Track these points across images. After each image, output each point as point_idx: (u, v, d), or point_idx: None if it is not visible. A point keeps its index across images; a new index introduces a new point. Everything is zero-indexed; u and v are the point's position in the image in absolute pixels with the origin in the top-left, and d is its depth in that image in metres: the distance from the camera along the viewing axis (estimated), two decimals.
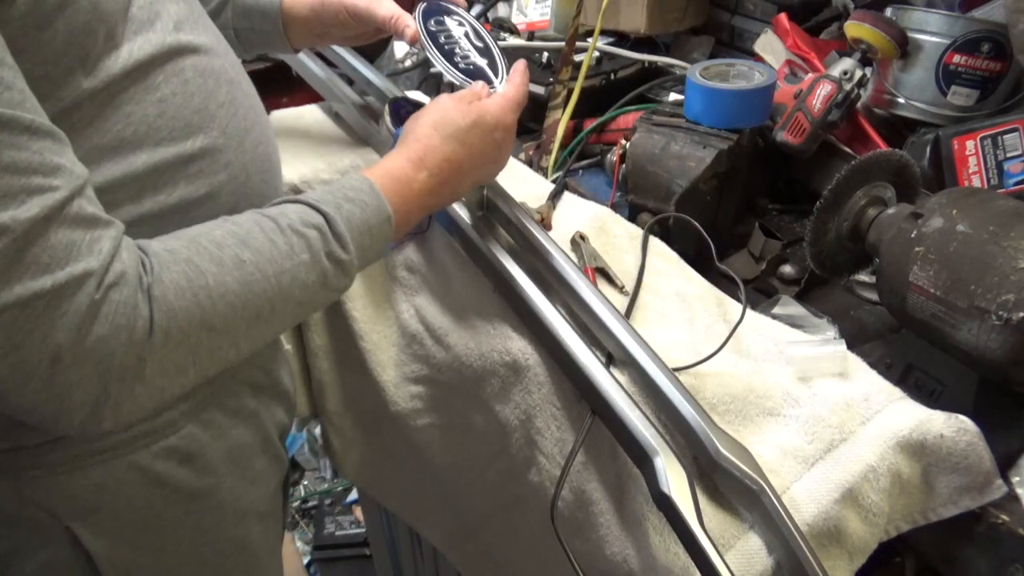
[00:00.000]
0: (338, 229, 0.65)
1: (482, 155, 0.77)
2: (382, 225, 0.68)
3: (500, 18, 1.46)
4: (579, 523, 0.79)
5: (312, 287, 0.64)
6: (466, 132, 0.75)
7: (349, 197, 0.67)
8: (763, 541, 0.67)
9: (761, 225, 1.01)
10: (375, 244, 0.68)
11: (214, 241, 0.59)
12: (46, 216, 0.50)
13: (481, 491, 1.01)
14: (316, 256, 0.63)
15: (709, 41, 1.36)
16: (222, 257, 0.58)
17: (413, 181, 0.72)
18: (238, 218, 0.63)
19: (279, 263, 0.61)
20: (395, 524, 1.57)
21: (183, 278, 0.56)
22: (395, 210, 0.69)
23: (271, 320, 0.62)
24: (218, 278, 0.58)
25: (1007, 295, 0.67)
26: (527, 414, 0.84)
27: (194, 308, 0.56)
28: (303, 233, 0.63)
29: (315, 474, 2.48)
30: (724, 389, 0.74)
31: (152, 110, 0.63)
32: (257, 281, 0.60)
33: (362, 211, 0.67)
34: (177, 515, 0.76)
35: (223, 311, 0.58)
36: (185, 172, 0.66)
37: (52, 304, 0.50)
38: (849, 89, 1.00)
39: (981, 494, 0.70)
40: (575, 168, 1.20)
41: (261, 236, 0.61)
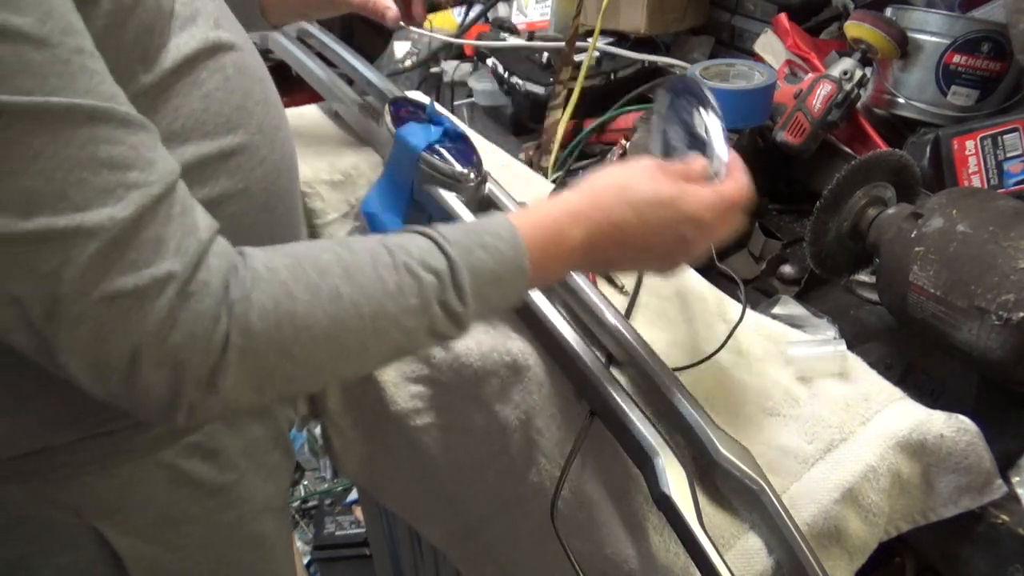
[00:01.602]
0: (460, 279, 0.59)
1: (657, 238, 0.65)
2: (514, 279, 0.62)
3: (500, 18, 1.47)
4: (579, 523, 0.79)
5: (415, 332, 0.59)
6: (650, 205, 0.64)
7: (484, 243, 0.61)
8: (763, 541, 0.67)
9: (761, 225, 1.01)
10: (502, 297, 0.63)
11: (318, 266, 0.57)
12: (140, 213, 0.50)
13: (481, 491, 1.01)
14: (426, 302, 0.58)
15: (709, 41, 1.35)
16: (320, 287, 0.56)
17: (565, 237, 0.64)
18: (355, 243, 0.60)
19: (380, 303, 0.57)
20: (395, 524, 1.57)
21: (271, 301, 0.54)
22: (534, 264, 0.62)
23: (361, 358, 0.59)
24: (309, 308, 0.55)
25: (1007, 295, 0.67)
26: (527, 414, 0.84)
27: (274, 333, 0.54)
28: (418, 275, 0.58)
29: (315, 474, 2.47)
30: (724, 389, 0.74)
31: (198, 104, 0.64)
32: (350, 318, 0.56)
33: (495, 261, 0.61)
34: (199, 511, 0.76)
35: (305, 342, 0.55)
36: (226, 166, 0.67)
37: (136, 303, 0.50)
38: (849, 89, 1.00)
39: (981, 494, 0.70)
40: (575, 168, 1.20)
41: (370, 270, 0.58)
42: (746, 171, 0.70)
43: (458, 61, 1.49)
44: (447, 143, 0.89)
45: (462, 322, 0.61)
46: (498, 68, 1.31)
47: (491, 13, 1.53)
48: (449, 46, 1.50)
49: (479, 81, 1.39)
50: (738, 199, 0.68)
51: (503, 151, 1.09)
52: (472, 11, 1.55)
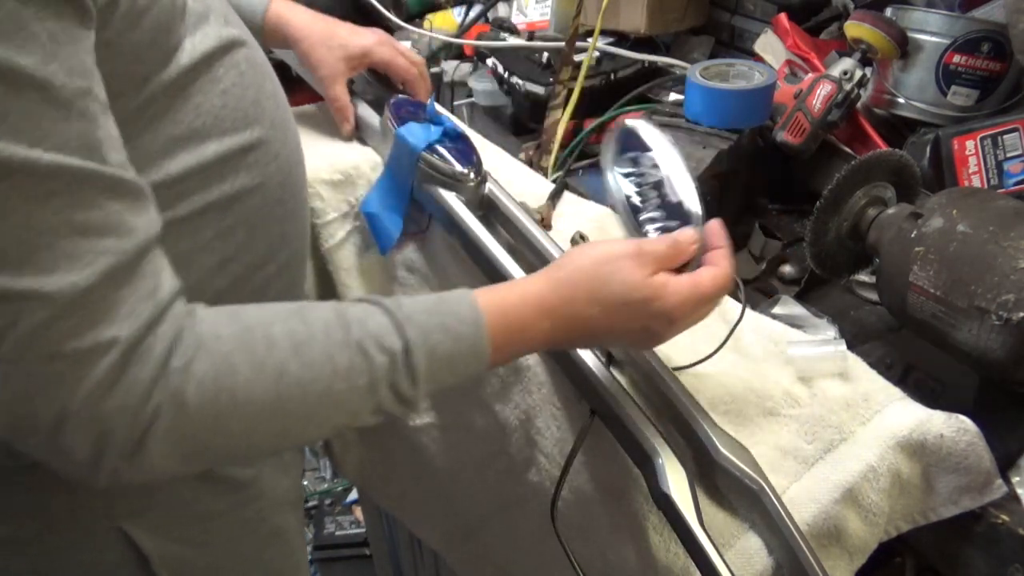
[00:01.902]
0: (414, 361, 0.57)
1: (624, 333, 0.64)
2: (471, 364, 0.60)
3: (500, 18, 1.46)
4: (579, 523, 0.79)
5: (359, 412, 0.58)
6: (622, 305, 0.62)
7: (446, 325, 0.59)
8: (763, 540, 0.67)
9: (761, 225, 1.01)
10: (456, 379, 0.61)
11: (267, 338, 0.55)
12: (103, 279, 0.49)
13: (481, 491, 1.01)
14: (375, 384, 0.57)
15: (709, 41, 1.35)
16: (265, 362, 0.54)
17: (530, 328, 0.62)
18: (311, 314, 0.58)
19: (327, 384, 0.56)
20: (395, 524, 1.57)
21: (211, 373, 0.52)
22: (495, 350, 0.60)
23: (299, 435, 0.59)
24: (251, 384, 0.53)
25: (1007, 295, 0.67)
26: (527, 414, 0.84)
27: (209, 408, 0.52)
28: (371, 355, 0.56)
29: (315, 474, 2.47)
30: (724, 389, 0.74)
31: (217, 101, 0.64)
32: (294, 398, 0.55)
33: (454, 346, 0.59)
34: (223, 507, 0.77)
35: (243, 418, 0.54)
36: (245, 161, 0.67)
37: (72, 366, 0.49)
38: (849, 89, 1.00)
39: (981, 494, 0.70)
40: (575, 168, 1.20)
41: (322, 347, 0.56)
42: (730, 252, 0.66)
43: (458, 61, 1.49)
44: (447, 143, 0.88)
45: (411, 404, 0.59)
46: (498, 68, 1.31)
47: (491, 13, 1.52)
48: (449, 46, 1.50)
49: (479, 81, 1.39)
50: (716, 294, 0.64)
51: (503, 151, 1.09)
52: (472, 11, 1.55)
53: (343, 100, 0.98)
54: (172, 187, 0.62)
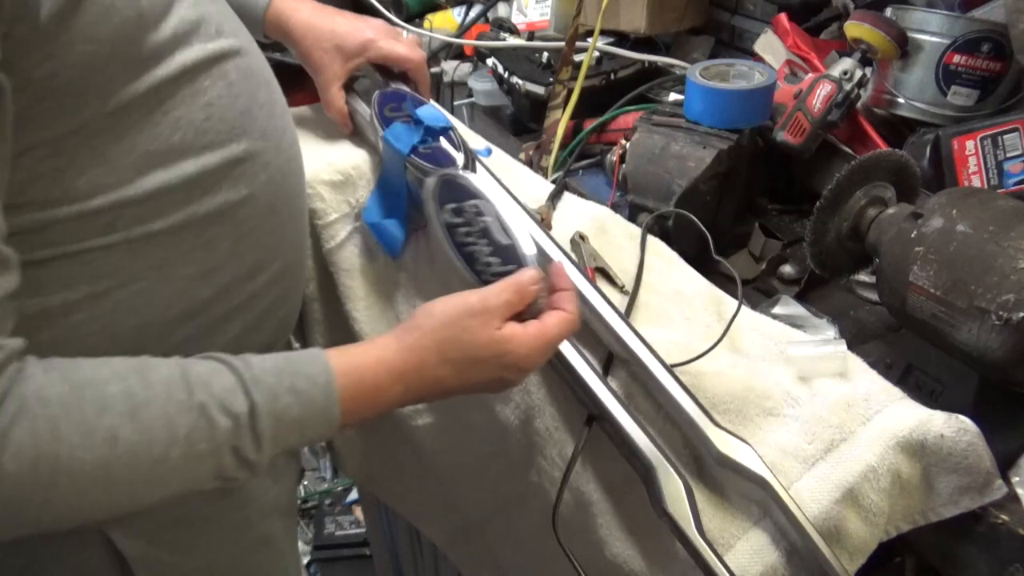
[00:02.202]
0: (259, 426, 0.56)
1: (479, 385, 0.66)
2: (320, 427, 0.60)
3: (500, 18, 1.46)
4: (579, 524, 0.79)
5: (198, 479, 0.56)
6: (471, 362, 0.64)
7: (296, 389, 0.58)
8: (768, 535, 0.68)
9: (761, 225, 1.01)
10: (304, 441, 0.61)
11: (99, 400, 0.52)
12: None
13: (481, 490, 1.01)
14: (217, 449, 0.55)
15: (709, 41, 1.36)
16: (96, 427, 0.51)
17: (382, 392, 0.63)
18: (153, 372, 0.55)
19: (164, 450, 0.53)
20: (395, 524, 1.57)
21: (31, 440, 0.49)
22: (345, 413, 0.60)
23: (130, 503, 0.56)
24: (76, 452, 0.50)
25: (1007, 295, 0.67)
26: (527, 414, 0.85)
27: (28, 477, 0.49)
28: (213, 419, 0.55)
29: (315, 474, 2.48)
30: (724, 389, 0.74)
31: (200, 114, 0.63)
32: (124, 467, 0.52)
33: (302, 408, 0.58)
34: (209, 513, 0.76)
35: (65, 488, 0.51)
36: (231, 175, 0.66)
37: None
38: (849, 89, 1.00)
39: (981, 494, 0.70)
40: (575, 168, 1.20)
41: (160, 409, 0.54)
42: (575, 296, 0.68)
43: (458, 61, 1.49)
44: (430, 142, 0.87)
45: (254, 468, 0.58)
46: (498, 68, 1.31)
47: (491, 13, 1.53)
48: (449, 46, 1.50)
49: (479, 81, 1.39)
50: (563, 337, 0.66)
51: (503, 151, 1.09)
52: (472, 11, 1.55)
53: (336, 103, 0.96)
54: (146, 203, 0.60)
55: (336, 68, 0.95)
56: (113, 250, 0.61)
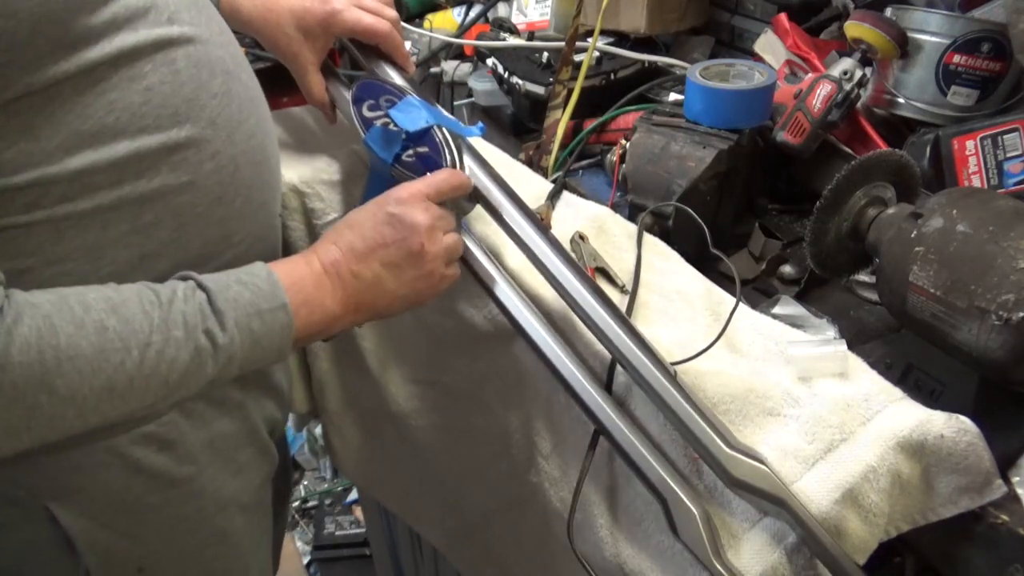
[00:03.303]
0: (218, 305, 0.62)
1: (373, 230, 0.72)
2: (276, 312, 0.65)
3: (500, 18, 1.46)
4: (578, 524, 0.79)
5: (183, 366, 0.60)
6: (354, 214, 0.74)
7: (241, 280, 0.65)
8: (770, 534, 0.68)
9: (761, 225, 1.01)
10: (270, 333, 0.65)
11: (83, 302, 0.57)
12: None
13: (481, 491, 1.01)
14: (192, 332, 0.60)
15: (709, 41, 1.35)
16: (84, 320, 0.56)
17: (307, 264, 0.70)
18: (122, 286, 0.61)
19: (147, 336, 0.58)
20: (395, 524, 1.57)
21: (34, 333, 0.54)
22: (292, 294, 0.67)
23: (128, 395, 0.59)
24: (72, 340, 0.55)
25: (1007, 295, 0.67)
26: (527, 416, 0.85)
27: (36, 366, 0.54)
28: (181, 308, 0.61)
29: (315, 474, 2.48)
30: (724, 389, 0.74)
31: (137, 98, 0.63)
32: (116, 351, 0.57)
33: (252, 294, 0.64)
34: (156, 501, 0.76)
35: (69, 375, 0.55)
36: (169, 160, 0.66)
37: None
38: (849, 89, 1.00)
39: (981, 494, 0.70)
40: (575, 168, 1.20)
41: (136, 306, 0.59)
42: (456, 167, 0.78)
43: (458, 61, 1.49)
44: (412, 148, 0.83)
45: (228, 353, 0.62)
46: (498, 68, 1.31)
47: (491, 13, 1.52)
48: (449, 46, 1.50)
49: (479, 81, 1.39)
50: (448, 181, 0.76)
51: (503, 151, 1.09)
52: (472, 11, 1.55)
53: (316, 93, 0.92)
54: (73, 181, 0.61)
55: (306, 53, 0.89)
56: (35, 228, 0.61)
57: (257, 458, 0.87)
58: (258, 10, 0.88)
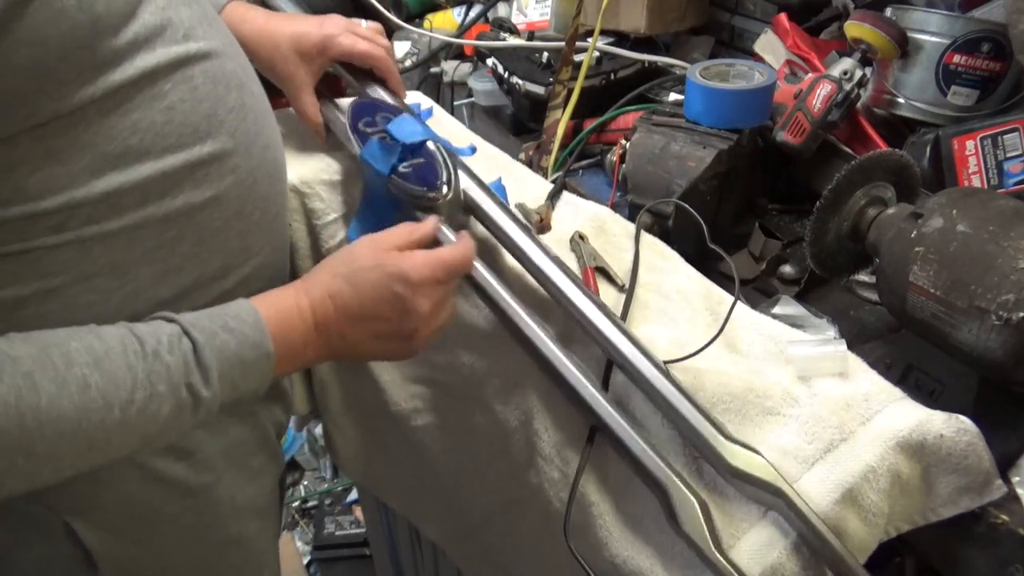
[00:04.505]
0: (204, 359, 0.61)
1: (373, 302, 0.69)
2: (259, 361, 0.64)
3: (500, 18, 1.47)
4: (579, 524, 0.79)
5: (163, 420, 0.60)
6: (360, 272, 0.69)
7: (229, 327, 0.63)
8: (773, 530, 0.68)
9: (761, 225, 1.01)
10: (248, 380, 0.64)
11: (65, 356, 0.56)
12: None
13: (482, 491, 1.01)
14: (174, 387, 0.59)
15: (709, 41, 1.35)
16: (67, 377, 0.55)
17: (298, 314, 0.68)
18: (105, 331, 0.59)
19: (130, 392, 0.57)
20: (395, 524, 1.57)
21: (13, 393, 0.52)
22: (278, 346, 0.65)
23: (106, 449, 0.58)
24: (54, 400, 0.54)
25: (1007, 295, 0.67)
26: (527, 415, 0.85)
27: (14, 429, 0.52)
28: (165, 360, 0.59)
29: (315, 474, 2.48)
30: (723, 388, 0.74)
31: (160, 118, 0.63)
32: (97, 410, 0.56)
33: (239, 344, 0.63)
34: (174, 511, 0.76)
35: (50, 437, 0.54)
36: (192, 177, 0.66)
37: None
38: (849, 89, 1.00)
39: (980, 494, 0.70)
40: (575, 168, 1.20)
41: (120, 358, 0.57)
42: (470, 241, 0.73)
43: (458, 61, 1.49)
44: (409, 161, 0.83)
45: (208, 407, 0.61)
46: (498, 68, 1.31)
47: (491, 13, 1.52)
48: (449, 46, 1.50)
49: (479, 81, 1.39)
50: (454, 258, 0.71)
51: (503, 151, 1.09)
52: (472, 11, 1.55)
53: (309, 112, 0.93)
54: (100, 203, 0.61)
55: (301, 74, 0.91)
56: (63, 249, 0.61)
57: (269, 463, 0.87)
58: (257, 32, 0.89)
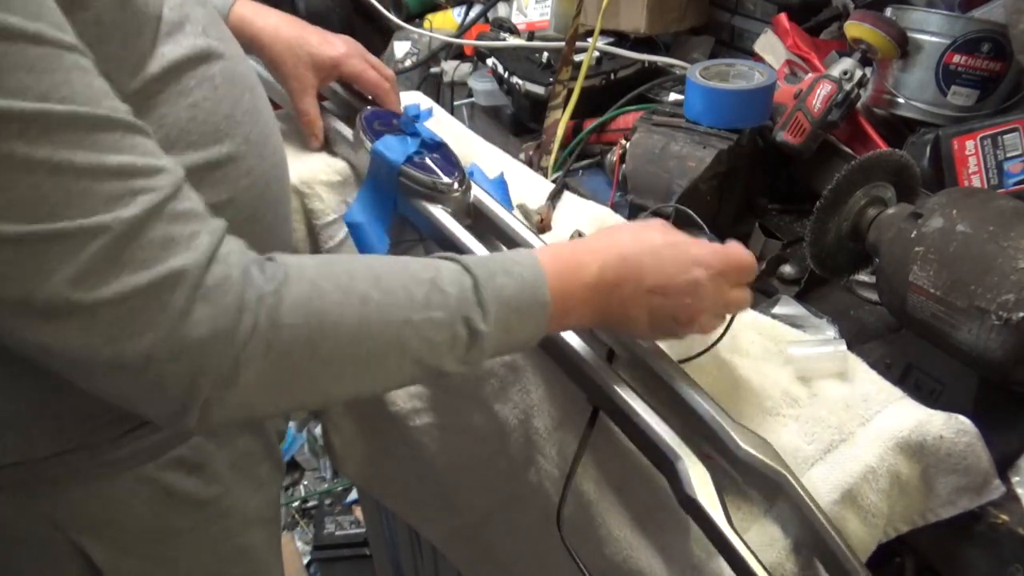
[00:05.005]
0: (483, 296, 0.60)
1: (668, 277, 0.66)
2: (534, 310, 0.63)
3: (500, 18, 1.47)
4: (578, 522, 0.79)
5: (437, 348, 0.60)
6: (663, 245, 0.67)
7: (507, 270, 0.62)
8: (779, 526, 0.68)
9: (761, 225, 1.01)
10: (522, 328, 0.63)
11: (348, 271, 0.58)
12: (147, 214, 0.50)
13: (481, 490, 1.01)
14: (451, 317, 0.59)
15: (709, 41, 1.35)
16: (350, 288, 0.56)
17: (582, 269, 0.65)
18: (383, 258, 0.61)
19: (407, 312, 0.58)
20: (395, 524, 1.57)
21: (303, 296, 0.54)
22: (553, 294, 0.63)
23: (382, 367, 0.59)
24: (339, 307, 0.55)
25: (1007, 295, 0.67)
26: (526, 414, 0.85)
27: (302, 328, 0.54)
28: (445, 290, 0.59)
29: (315, 474, 2.48)
30: (723, 388, 0.74)
31: (184, 114, 0.63)
32: (378, 323, 0.57)
33: (517, 287, 0.62)
34: (185, 525, 0.76)
35: (333, 340, 0.55)
36: (211, 178, 0.65)
37: (149, 300, 0.50)
38: (849, 89, 1.00)
39: (979, 494, 0.70)
40: (575, 168, 1.20)
41: (398, 281, 0.59)
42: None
43: (458, 61, 1.49)
44: (426, 154, 0.86)
45: (482, 346, 0.61)
46: (498, 68, 1.31)
47: (491, 13, 1.53)
48: (449, 46, 1.50)
49: (479, 81, 1.39)
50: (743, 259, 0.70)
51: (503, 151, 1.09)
52: (472, 11, 1.55)
53: (312, 114, 0.94)
54: None
55: (309, 77, 0.93)
56: None
57: (273, 471, 0.87)
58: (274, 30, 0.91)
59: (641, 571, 0.75)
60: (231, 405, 0.54)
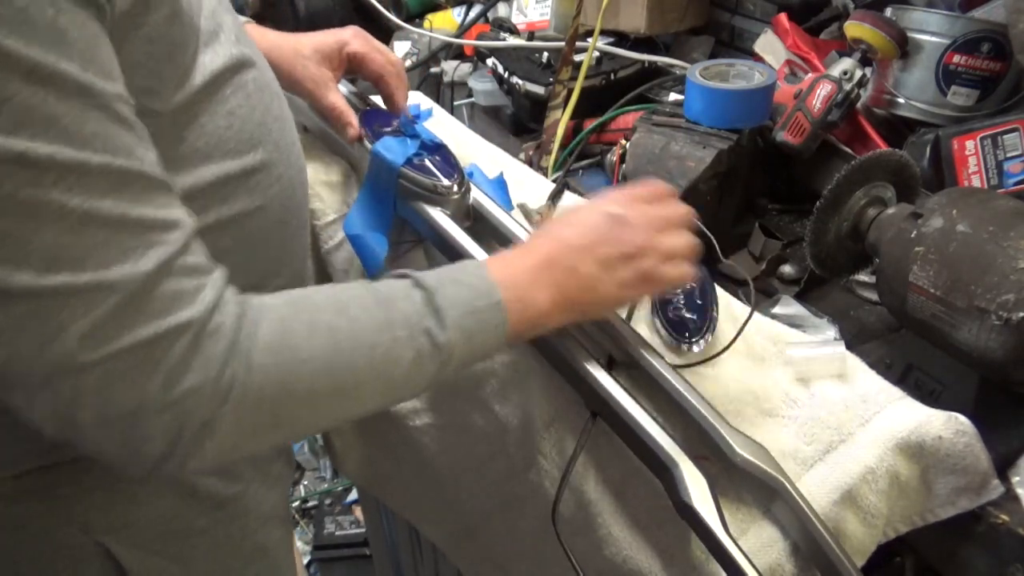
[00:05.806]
0: (437, 304, 0.61)
1: (596, 226, 0.69)
2: (490, 309, 0.64)
3: (500, 18, 1.47)
4: (577, 523, 0.79)
5: (405, 366, 0.60)
6: (575, 211, 0.71)
7: (455, 278, 0.64)
8: (776, 529, 0.68)
9: (761, 225, 1.01)
10: (482, 329, 0.64)
11: (311, 304, 0.58)
12: (158, 269, 0.50)
13: (481, 490, 1.01)
14: (412, 332, 0.60)
15: (709, 41, 1.35)
16: (316, 323, 0.57)
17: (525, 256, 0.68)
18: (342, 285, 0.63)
19: (374, 335, 0.59)
20: (395, 524, 1.57)
21: (274, 336, 0.55)
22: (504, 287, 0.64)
23: (355, 394, 0.60)
24: (308, 342, 0.56)
25: (1007, 295, 0.67)
26: (526, 414, 0.84)
27: (274, 369, 0.54)
28: (401, 308, 0.60)
29: (315, 474, 2.47)
30: (722, 390, 0.74)
31: (222, 122, 0.63)
32: (345, 351, 0.58)
33: (470, 293, 0.63)
34: (206, 524, 0.76)
35: (306, 377, 0.56)
36: (247, 184, 0.66)
37: (150, 352, 0.50)
38: (849, 89, 1.00)
39: (978, 495, 0.70)
40: (575, 168, 1.20)
41: (359, 306, 0.60)
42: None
43: (458, 61, 1.49)
44: (426, 155, 0.85)
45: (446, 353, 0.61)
46: (498, 68, 1.31)
47: (491, 13, 1.53)
48: (449, 46, 1.50)
49: (479, 81, 1.39)
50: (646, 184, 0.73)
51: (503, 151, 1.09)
52: (472, 11, 1.55)
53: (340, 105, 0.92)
54: None
55: (326, 72, 0.91)
56: None
57: (285, 468, 0.88)
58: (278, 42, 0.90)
59: (641, 571, 0.75)
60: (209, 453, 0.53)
